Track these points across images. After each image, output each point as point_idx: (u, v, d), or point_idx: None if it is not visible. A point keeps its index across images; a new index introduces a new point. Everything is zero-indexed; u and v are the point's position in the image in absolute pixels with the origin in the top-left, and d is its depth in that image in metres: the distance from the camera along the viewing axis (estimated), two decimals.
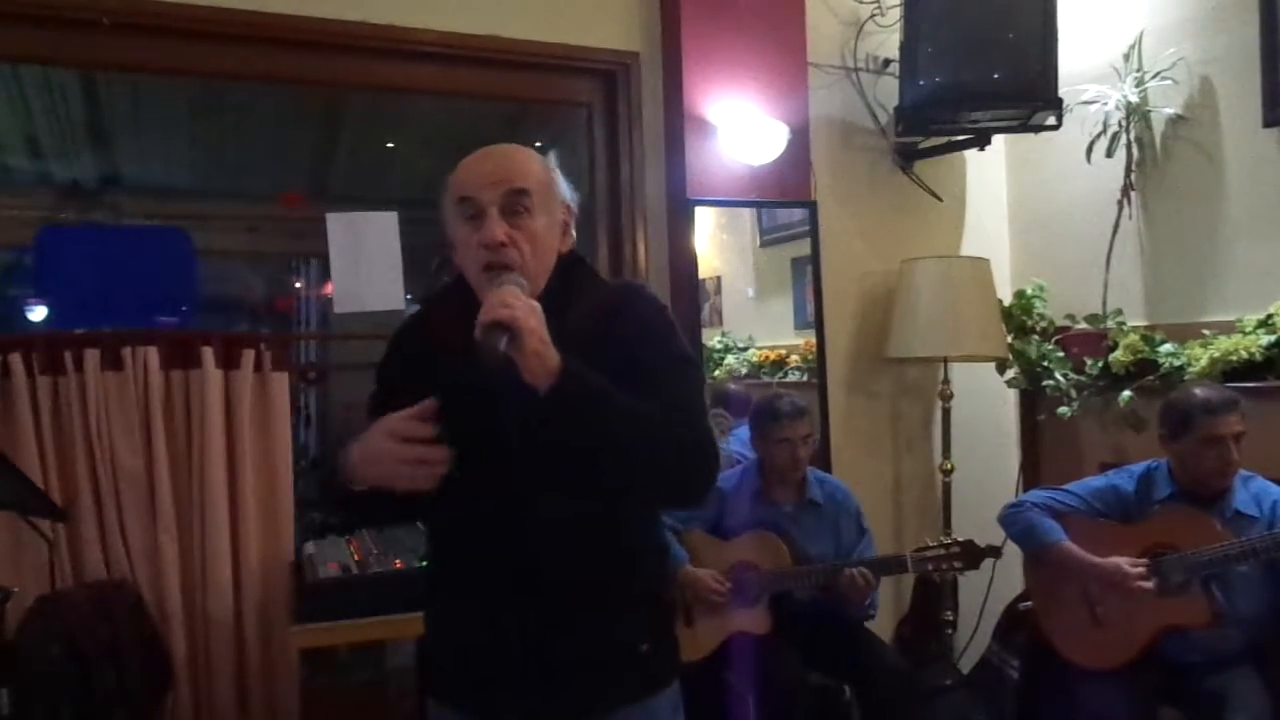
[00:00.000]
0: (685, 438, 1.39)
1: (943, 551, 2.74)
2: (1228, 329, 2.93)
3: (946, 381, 3.42)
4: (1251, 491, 2.51)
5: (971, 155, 3.60)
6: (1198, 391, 2.56)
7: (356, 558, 2.59)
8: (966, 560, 2.74)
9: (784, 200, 3.39)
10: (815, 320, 3.43)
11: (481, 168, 1.47)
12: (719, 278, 3.48)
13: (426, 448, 1.32)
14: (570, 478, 1.38)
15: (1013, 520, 2.73)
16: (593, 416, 1.32)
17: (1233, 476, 2.50)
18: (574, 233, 1.56)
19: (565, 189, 1.54)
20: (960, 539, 2.76)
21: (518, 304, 1.30)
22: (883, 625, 3.48)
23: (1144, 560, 2.50)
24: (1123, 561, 2.51)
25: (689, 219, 3.24)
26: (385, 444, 1.34)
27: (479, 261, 1.44)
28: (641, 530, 1.54)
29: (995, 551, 2.79)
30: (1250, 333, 2.85)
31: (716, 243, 3.44)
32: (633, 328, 1.47)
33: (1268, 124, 2.88)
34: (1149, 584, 2.47)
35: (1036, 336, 3.50)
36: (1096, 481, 2.73)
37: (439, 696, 1.57)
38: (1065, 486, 2.75)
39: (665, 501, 1.63)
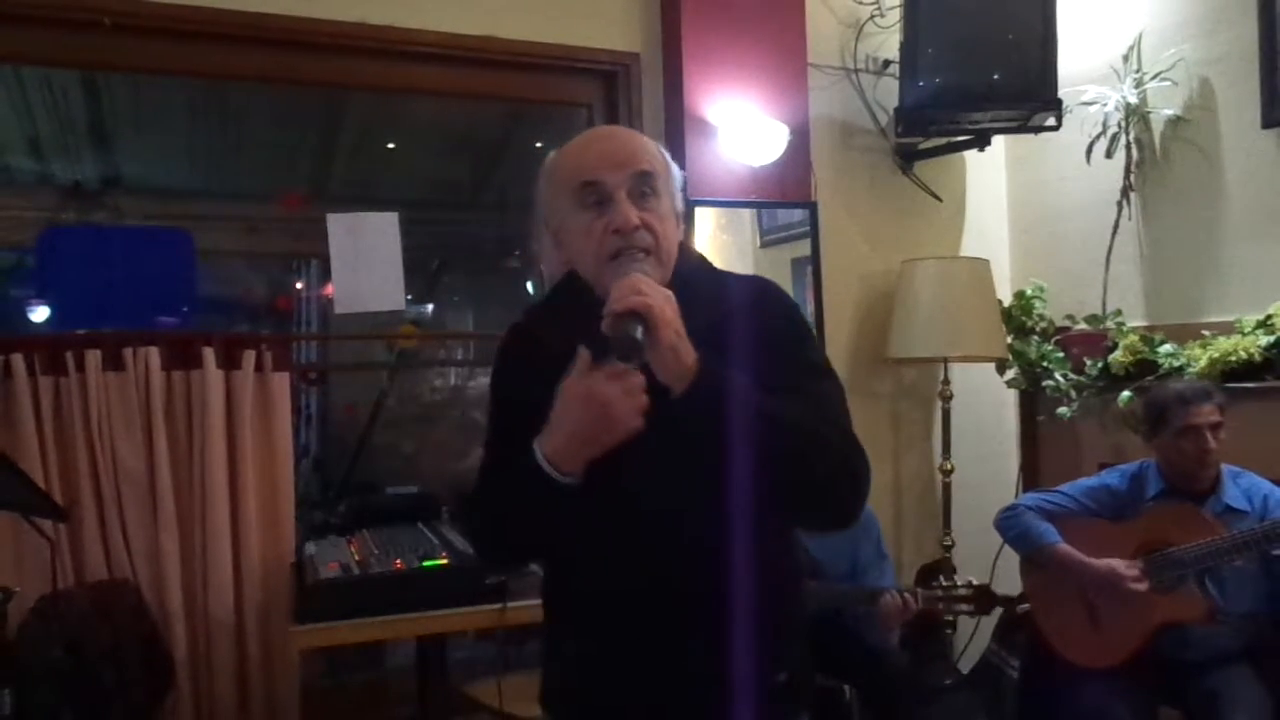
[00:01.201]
0: (840, 449, 1.26)
1: (956, 593, 2.74)
2: (1227, 329, 2.93)
3: (946, 382, 3.42)
4: (1241, 487, 2.53)
5: (971, 156, 3.60)
6: (1172, 386, 2.62)
7: (357, 558, 2.59)
8: (978, 606, 2.74)
9: (784, 201, 3.39)
10: (815, 321, 3.44)
11: (602, 148, 1.34)
12: None
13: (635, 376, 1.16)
14: (704, 490, 1.23)
15: (1008, 524, 2.74)
16: (735, 420, 1.18)
17: (1214, 466, 2.53)
18: (685, 221, 1.43)
19: (677, 172, 1.41)
20: (975, 581, 2.77)
21: (652, 291, 1.17)
22: None
23: (1138, 564, 2.51)
24: (1117, 563, 2.52)
25: (689, 219, 3.24)
26: (606, 388, 1.17)
27: (606, 250, 1.30)
28: (786, 552, 1.42)
29: (1010, 601, 2.80)
30: (1249, 333, 2.85)
31: (716, 243, 3.44)
32: (765, 328, 1.33)
33: (1267, 125, 2.89)
34: (1143, 586, 2.48)
35: (1036, 337, 3.51)
36: (1089, 481, 2.75)
37: None
38: (1058, 488, 2.77)
39: (817, 520, 1.44)
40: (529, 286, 4.86)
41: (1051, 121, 3.20)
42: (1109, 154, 3.24)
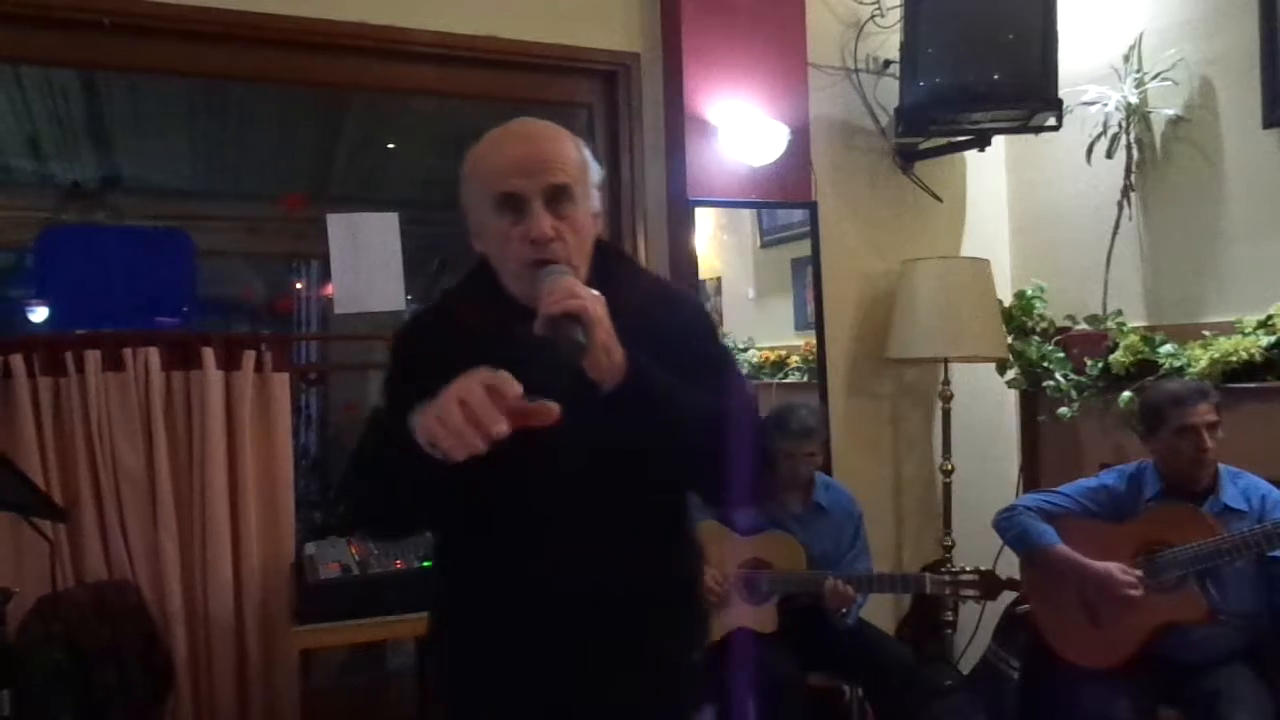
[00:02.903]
0: (747, 433, 1.33)
1: (962, 578, 2.76)
2: (1228, 330, 2.93)
3: (947, 382, 3.42)
4: (1240, 487, 2.52)
5: (971, 156, 3.60)
6: (1167, 386, 2.62)
7: (357, 558, 2.59)
8: (984, 590, 2.75)
9: (784, 201, 3.39)
10: (815, 321, 3.44)
11: (519, 153, 1.35)
12: (719, 278, 3.48)
13: (495, 412, 1.13)
14: (625, 475, 1.31)
15: (1006, 525, 2.74)
16: (661, 413, 1.26)
17: (1211, 466, 2.52)
18: (602, 215, 1.47)
19: (595, 168, 1.43)
20: (981, 567, 2.78)
21: (586, 294, 1.22)
22: (883, 625, 3.47)
23: (1136, 571, 2.51)
24: (1114, 568, 2.52)
25: (689, 219, 3.24)
26: (473, 390, 1.14)
27: (523, 257, 1.33)
28: (685, 533, 1.49)
29: (1015, 584, 2.80)
30: (1250, 333, 2.85)
31: (717, 243, 3.45)
32: (677, 322, 1.41)
33: (1268, 125, 2.89)
34: (1138, 592, 2.48)
35: (1036, 337, 3.50)
36: (1088, 482, 2.75)
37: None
38: (1057, 488, 2.77)
39: (725, 498, 1.48)
40: None
41: (1052, 121, 3.20)
42: (1109, 154, 3.24)
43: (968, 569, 2.79)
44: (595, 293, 1.24)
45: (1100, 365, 3.24)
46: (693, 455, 1.31)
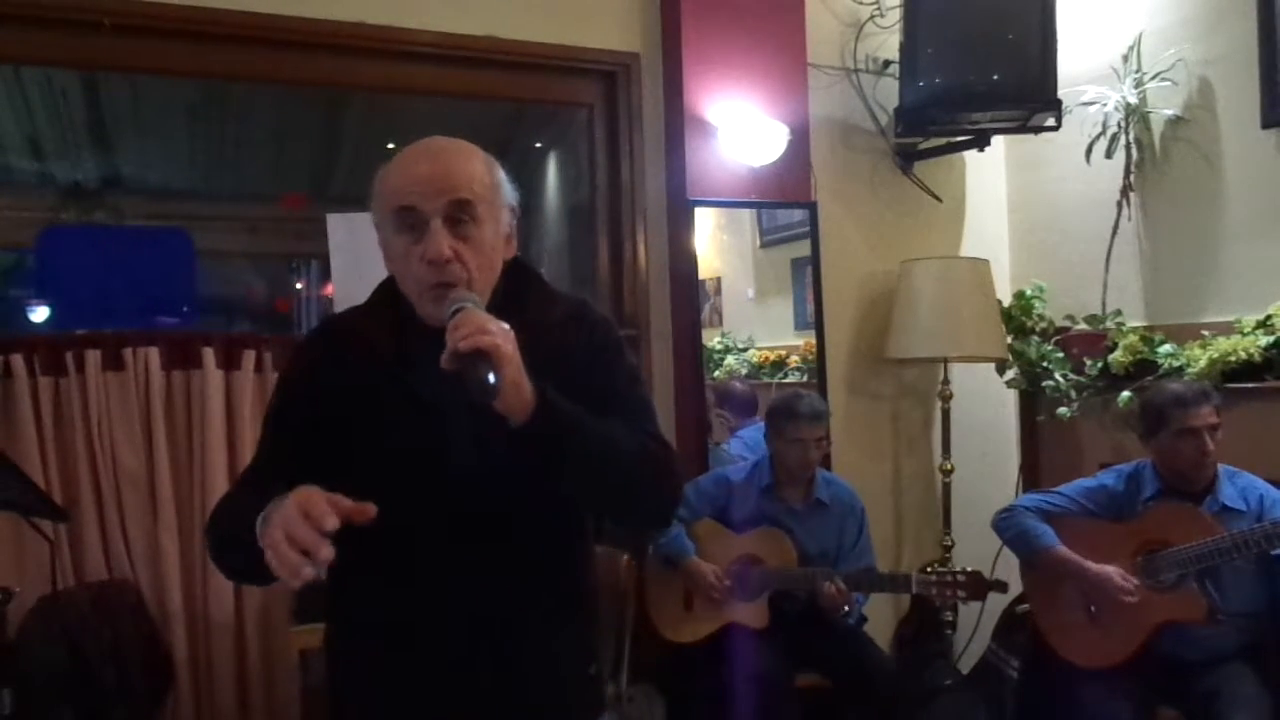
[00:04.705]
0: (660, 460, 1.34)
1: (949, 578, 2.76)
2: (1227, 330, 2.93)
3: (946, 382, 3.42)
4: (1238, 486, 2.53)
5: (971, 156, 3.60)
6: (1169, 386, 2.61)
7: None
8: (971, 591, 2.75)
9: (784, 201, 3.39)
10: (815, 321, 3.44)
11: (421, 171, 1.31)
12: (719, 278, 3.48)
13: (317, 537, 1.09)
14: (529, 499, 1.31)
15: (1005, 526, 2.74)
16: (572, 446, 1.24)
17: (1211, 468, 2.53)
18: (515, 237, 1.43)
19: (509, 189, 1.40)
20: (969, 568, 2.78)
21: (497, 330, 1.18)
22: (883, 625, 3.49)
23: (1134, 581, 2.51)
24: (1113, 571, 2.53)
25: (689, 219, 3.24)
26: (293, 512, 1.11)
27: (422, 278, 1.30)
28: (583, 546, 1.48)
29: (1002, 586, 2.81)
30: (1249, 333, 2.85)
31: (716, 243, 3.45)
32: (587, 345, 1.40)
33: (1267, 125, 2.89)
34: (1135, 599, 2.48)
35: (1036, 337, 3.50)
36: (1086, 482, 2.76)
37: None
38: (1056, 489, 2.77)
39: (638, 522, 1.55)
40: None
41: (1051, 122, 3.20)
42: (1109, 154, 3.24)
43: (955, 569, 2.79)
44: (505, 326, 1.20)
45: (1100, 365, 3.24)
46: (601, 485, 1.31)
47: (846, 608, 2.72)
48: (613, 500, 1.37)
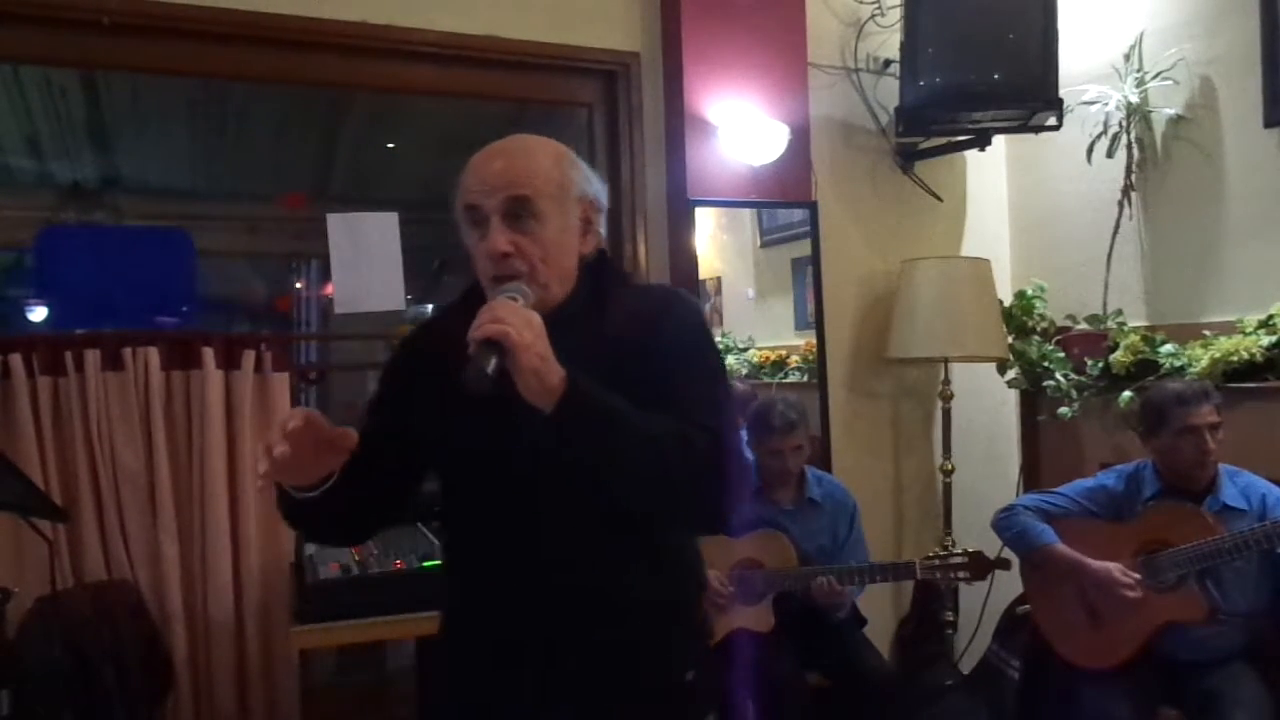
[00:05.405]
0: (707, 457, 1.27)
1: (951, 560, 2.76)
2: (1228, 330, 2.93)
3: (947, 382, 3.41)
4: (1239, 486, 2.53)
5: (972, 156, 3.60)
6: (1170, 385, 2.61)
7: (357, 558, 2.59)
8: (974, 570, 2.76)
9: (784, 200, 3.39)
10: (815, 321, 3.44)
11: (485, 170, 1.35)
12: (719, 278, 3.48)
13: (279, 436, 1.24)
14: (585, 501, 1.30)
15: (1005, 525, 2.74)
16: (603, 437, 1.23)
17: (1212, 467, 2.52)
18: (602, 230, 1.45)
19: (585, 183, 1.41)
20: (970, 549, 2.78)
21: (511, 318, 1.19)
22: (883, 625, 3.49)
23: (1135, 575, 2.51)
24: (1114, 568, 2.52)
25: (689, 219, 3.24)
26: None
27: (485, 273, 1.36)
28: (665, 550, 1.45)
29: (1004, 564, 2.82)
30: (1251, 333, 2.85)
31: (717, 243, 3.45)
32: (668, 338, 1.37)
33: (1268, 124, 2.89)
34: (1137, 594, 2.48)
35: (1037, 337, 3.50)
36: (1086, 482, 2.76)
37: None
38: (1056, 489, 2.77)
39: (688, 524, 1.48)
40: None
41: (1052, 121, 3.20)
42: (1110, 154, 3.24)
43: (956, 550, 2.80)
44: (530, 315, 1.22)
45: (1100, 365, 3.24)
46: (633, 478, 1.27)
47: (838, 605, 2.72)
48: (649, 496, 1.31)
